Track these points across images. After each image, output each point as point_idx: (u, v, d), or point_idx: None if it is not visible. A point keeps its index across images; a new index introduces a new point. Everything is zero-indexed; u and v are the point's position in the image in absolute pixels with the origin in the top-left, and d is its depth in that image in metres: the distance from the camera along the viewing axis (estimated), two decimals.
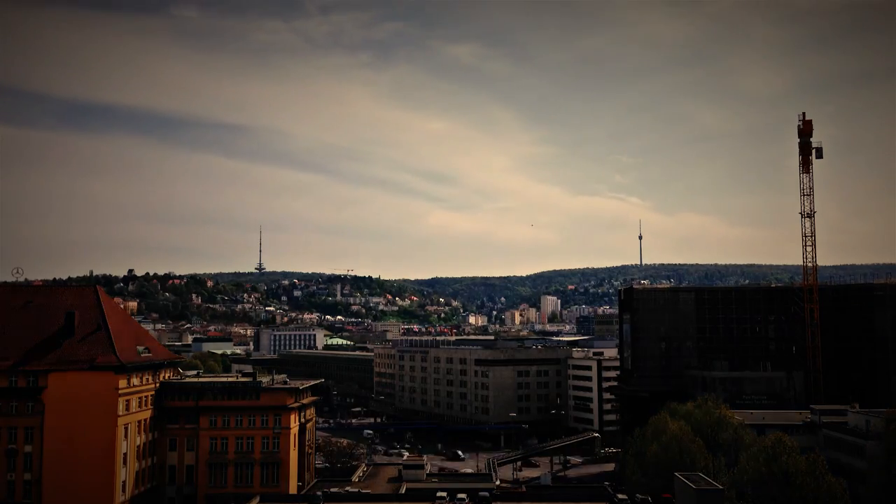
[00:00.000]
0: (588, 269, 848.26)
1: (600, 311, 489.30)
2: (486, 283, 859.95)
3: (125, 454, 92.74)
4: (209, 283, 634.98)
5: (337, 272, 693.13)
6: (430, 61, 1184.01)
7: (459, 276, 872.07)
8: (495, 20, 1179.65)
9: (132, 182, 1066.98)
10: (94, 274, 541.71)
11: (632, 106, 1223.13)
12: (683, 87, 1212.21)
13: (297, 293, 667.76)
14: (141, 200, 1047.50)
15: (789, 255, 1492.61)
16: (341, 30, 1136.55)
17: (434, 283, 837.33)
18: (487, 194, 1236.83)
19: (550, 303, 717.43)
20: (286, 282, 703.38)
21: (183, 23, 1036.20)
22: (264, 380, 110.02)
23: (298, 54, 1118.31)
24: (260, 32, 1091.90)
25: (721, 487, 61.24)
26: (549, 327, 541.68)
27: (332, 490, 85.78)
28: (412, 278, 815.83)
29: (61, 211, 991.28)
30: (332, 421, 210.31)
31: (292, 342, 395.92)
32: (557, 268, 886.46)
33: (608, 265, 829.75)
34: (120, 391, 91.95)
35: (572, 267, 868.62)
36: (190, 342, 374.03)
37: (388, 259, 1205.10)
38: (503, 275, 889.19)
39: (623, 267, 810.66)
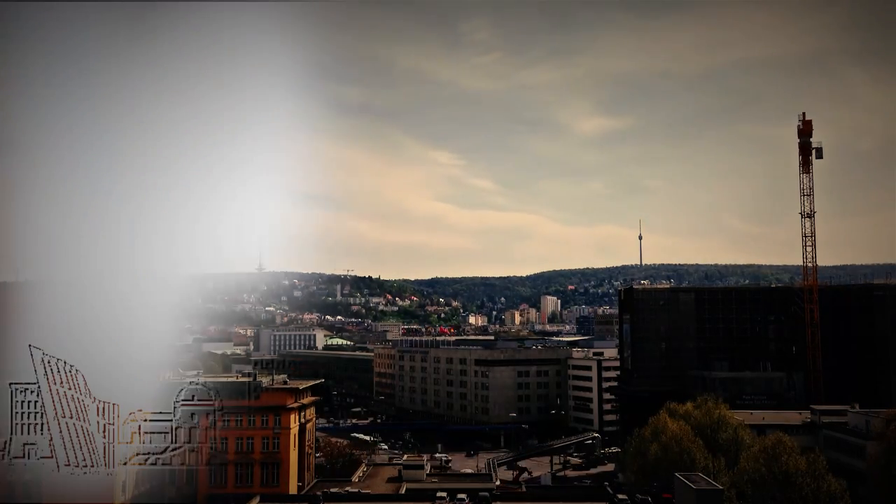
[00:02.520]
0: (588, 269, 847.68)
1: (600, 311, 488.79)
2: (486, 283, 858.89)
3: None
4: (209, 283, 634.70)
5: (337, 272, 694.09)
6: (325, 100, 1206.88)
7: (459, 276, 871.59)
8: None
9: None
10: None
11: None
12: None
13: (297, 293, 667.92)
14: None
15: (789, 255, 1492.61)
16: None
17: (434, 283, 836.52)
18: (404, 208, 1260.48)
19: (550, 303, 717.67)
20: (286, 282, 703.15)
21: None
22: (264, 380, 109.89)
23: None
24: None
25: (721, 487, 61.27)
26: (549, 327, 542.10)
27: (332, 490, 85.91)
28: (412, 278, 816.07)
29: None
30: (332, 421, 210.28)
31: (292, 342, 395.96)
32: (557, 268, 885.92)
33: (608, 265, 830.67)
34: None
35: (572, 267, 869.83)
36: (190, 342, 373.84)
37: (388, 259, 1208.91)
38: (503, 275, 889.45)
39: (623, 267, 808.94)
